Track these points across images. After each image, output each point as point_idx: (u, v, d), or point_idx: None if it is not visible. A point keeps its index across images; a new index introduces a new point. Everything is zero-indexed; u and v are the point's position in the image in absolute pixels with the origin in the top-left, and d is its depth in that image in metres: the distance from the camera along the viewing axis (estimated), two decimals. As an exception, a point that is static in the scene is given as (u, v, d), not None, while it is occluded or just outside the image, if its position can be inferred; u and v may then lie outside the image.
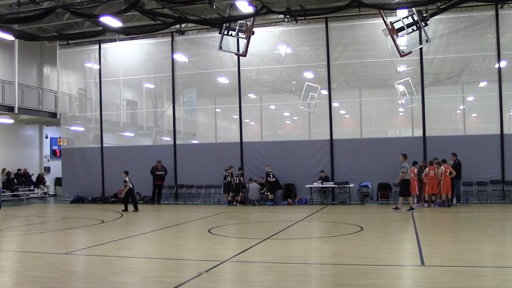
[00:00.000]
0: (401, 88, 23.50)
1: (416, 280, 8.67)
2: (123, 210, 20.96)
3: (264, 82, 27.62)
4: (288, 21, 23.90)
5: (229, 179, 23.68)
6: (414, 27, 21.10)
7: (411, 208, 19.14)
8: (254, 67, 26.27)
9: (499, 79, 22.33)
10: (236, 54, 24.04)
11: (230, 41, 23.02)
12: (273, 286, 8.37)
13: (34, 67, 31.90)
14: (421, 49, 22.73)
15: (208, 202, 25.29)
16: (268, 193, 23.64)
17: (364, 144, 24.54)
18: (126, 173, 21.47)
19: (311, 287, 8.54)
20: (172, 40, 26.32)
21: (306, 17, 23.77)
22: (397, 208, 19.35)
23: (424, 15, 21.23)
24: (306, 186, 23.42)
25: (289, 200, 23.80)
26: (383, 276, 8.91)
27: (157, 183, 25.38)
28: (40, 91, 30.56)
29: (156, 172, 25.30)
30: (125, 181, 21.12)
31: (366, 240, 12.89)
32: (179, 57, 26.81)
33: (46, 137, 34.00)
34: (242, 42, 22.92)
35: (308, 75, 26.02)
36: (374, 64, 25.52)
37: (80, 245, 13.52)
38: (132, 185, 21.39)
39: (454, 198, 21.12)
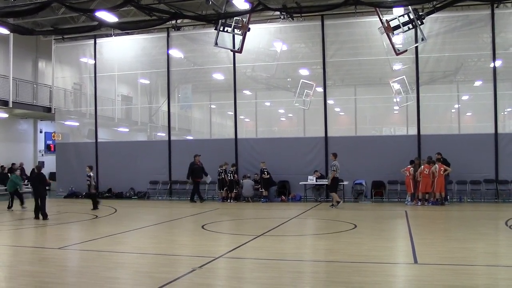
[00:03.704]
0: (396, 86, 23.51)
1: (409, 278, 8.70)
2: (92, 209, 19.91)
3: (259, 79, 27.59)
4: (284, 18, 23.89)
5: (223, 176, 23.68)
6: (410, 26, 21.07)
7: (333, 205, 20.21)
8: (249, 64, 26.23)
9: (494, 79, 22.37)
10: (231, 51, 23.99)
11: (225, 37, 22.94)
12: (267, 283, 8.38)
13: (29, 61, 31.82)
14: (416, 47, 22.74)
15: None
16: (262, 190, 23.66)
17: (359, 142, 24.56)
18: (91, 167, 20.75)
19: (304, 284, 8.56)
20: (168, 36, 26.26)
21: (302, 14, 23.75)
22: (333, 205, 20.22)
23: (420, 13, 21.22)
24: (300, 183, 23.42)
25: (283, 197, 23.82)
26: (376, 274, 8.94)
27: (197, 180, 24.00)
28: (35, 86, 30.50)
29: (194, 167, 23.96)
30: (89, 176, 20.20)
31: (360, 238, 12.93)
32: (175, 53, 26.75)
33: (41, 132, 33.96)
34: (238, 38, 22.85)
35: (304, 72, 26.01)
36: (370, 62, 25.56)
37: (73, 240, 13.52)
38: (95, 182, 20.94)
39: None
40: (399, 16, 21.01)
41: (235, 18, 22.19)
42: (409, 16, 20.88)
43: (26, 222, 16.56)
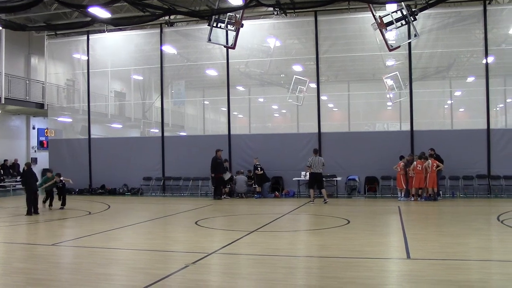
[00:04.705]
0: (389, 82, 23.57)
1: (402, 273, 8.73)
2: (61, 208, 19.27)
3: (252, 75, 27.61)
4: (277, 14, 23.88)
5: (216, 172, 23.67)
6: (403, 22, 21.08)
7: (325, 201, 20.24)
8: (243, 60, 26.24)
9: (486, 75, 22.45)
10: (225, 47, 23.90)
11: (219, 33, 22.89)
12: (260, 278, 8.40)
13: (22, 57, 31.67)
14: (409, 43, 22.77)
15: (195, 194, 25.27)
16: (256, 186, 23.68)
17: (352, 138, 24.62)
18: (59, 175, 19.67)
19: (297, 279, 8.57)
20: (161, 32, 26.20)
21: (296, 10, 23.76)
22: (325, 200, 20.28)
23: (413, 9, 21.26)
24: (293, 179, 23.47)
25: (277, 193, 23.84)
26: (369, 269, 8.96)
27: (220, 175, 23.33)
28: (27, 82, 30.36)
29: (217, 161, 23.36)
30: (62, 180, 19.51)
31: (353, 233, 12.96)
32: (168, 49, 26.68)
33: (33, 128, 33.84)
34: (231, 34, 22.80)
35: (297, 68, 26.06)
36: (363, 58, 25.62)
37: (67, 237, 13.52)
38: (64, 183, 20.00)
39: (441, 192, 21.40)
40: (392, 12, 21.03)
41: (228, 14, 22.13)
42: (402, 12, 20.89)
43: (18, 219, 16.51)
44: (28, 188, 17.80)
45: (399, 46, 22.03)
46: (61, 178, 19.63)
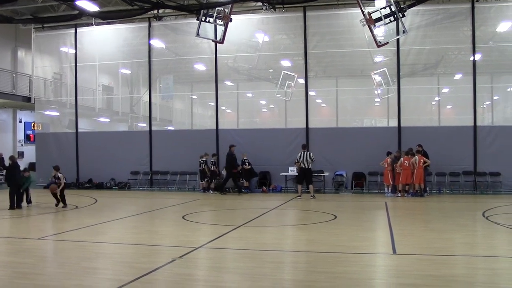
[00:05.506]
0: (377, 78, 23.64)
1: (388, 268, 8.79)
2: (56, 205, 17.95)
3: (241, 70, 27.58)
4: (266, 9, 23.88)
5: (203, 167, 23.64)
6: (392, 18, 21.13)
7: (313, 196, 20.58)
8: (231, 55, 26.18)
9: (473, 72, 22.58)
10: (213, 41, 23.86)
11: (207, 28, 22.84)
12: (247, 273, 8.42)
13: (8, 50, 31.38)
14: (398, 40, 22.85)
15: (183, 188, 25.25)
16: (244, 181, 23.68)
17: (340, 133, 24.67)
18: (57, 168, 18.23)
19: (284, 274, 8.61)
20: (149, 26, 26.07)
21: (284, 5, 23.74)
22: (313, 195, 20.61)
23: (402, 6, 21.32)
24: (281, 174, 23.52)
25: (264, 188, 23.88)
26: (356, 264, 9.01)
27: (234, 170, 23.20)
28: (14, 75, 30.09)
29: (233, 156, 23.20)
30: (58, 178, 18.00)
31: (340, 229, 13.02)
32: (156, 43, 26.58)
33: (20, 122, 33.61)
34: (220, 29, 22.74)
35: (285, 63, 26.06)
36: (351, 54, 25.66)
37: (53, 231, 13.46)
38: (65, 181, 18.83)
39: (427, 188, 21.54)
40: (381, 8, 21.07)
41: (217, 8, 22.10)
42: (390, 9, 20.94)
43: (3, 213, 16.40)
44: (13, 182, 17.66)
45: (387, 43, 22.11)
46: (59, 174, 18.07)
